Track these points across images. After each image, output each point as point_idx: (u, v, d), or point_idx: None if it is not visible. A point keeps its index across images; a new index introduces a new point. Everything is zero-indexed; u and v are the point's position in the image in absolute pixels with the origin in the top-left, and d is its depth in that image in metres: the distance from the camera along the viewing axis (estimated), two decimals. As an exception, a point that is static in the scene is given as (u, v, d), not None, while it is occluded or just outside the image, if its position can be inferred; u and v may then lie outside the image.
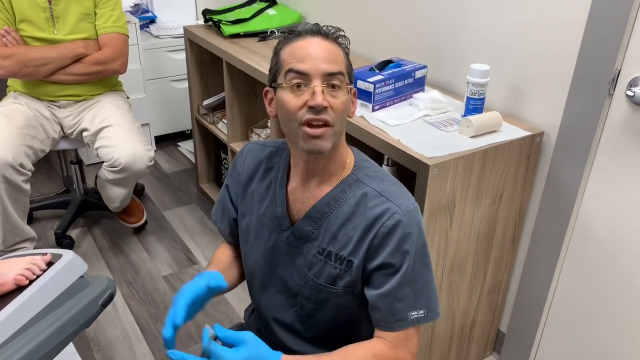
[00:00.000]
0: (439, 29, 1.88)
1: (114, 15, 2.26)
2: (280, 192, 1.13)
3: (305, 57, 0.99)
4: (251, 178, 1.19)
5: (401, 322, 1.05)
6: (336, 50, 1.03)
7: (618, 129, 1.45)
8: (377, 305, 1.05)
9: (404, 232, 1.02)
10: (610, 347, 1.61)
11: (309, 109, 0.98)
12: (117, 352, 1.96)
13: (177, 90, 3.35)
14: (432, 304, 1.07)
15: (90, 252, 2.48)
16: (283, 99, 1.01)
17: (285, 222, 1.12)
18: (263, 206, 1.15)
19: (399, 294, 1.03)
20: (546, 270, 1.70)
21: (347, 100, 1.03)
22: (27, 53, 2.11)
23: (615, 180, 1.49)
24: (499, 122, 1.56)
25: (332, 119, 0.99)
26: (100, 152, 2.20)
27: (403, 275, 1.02)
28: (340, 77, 1.00)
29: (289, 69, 1.00)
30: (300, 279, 1.13)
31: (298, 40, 1.02)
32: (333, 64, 1.00)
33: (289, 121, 1.02)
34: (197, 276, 1.09)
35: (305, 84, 0.99)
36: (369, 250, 1.04)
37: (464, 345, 1.84)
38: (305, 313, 1.16)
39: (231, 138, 2.51)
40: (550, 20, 1.53)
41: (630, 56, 1.37)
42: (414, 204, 1.05)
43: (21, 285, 1.10)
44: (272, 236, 1.15)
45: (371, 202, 1.05)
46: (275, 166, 1.16)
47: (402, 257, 1.02)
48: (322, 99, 0.97)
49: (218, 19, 2.47)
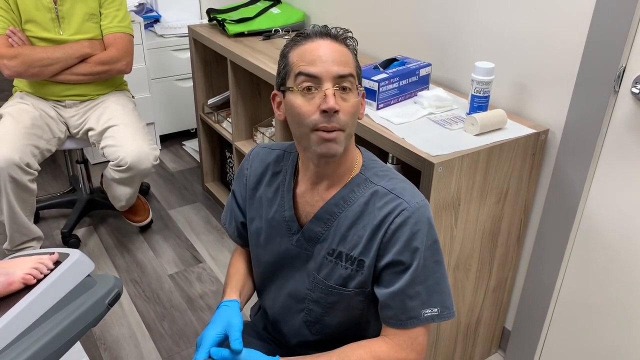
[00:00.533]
0: (443, 27, 1.88)
1: (119, 15, 2.27)
2: (288, 195, 1.12)
3: (316, 59, 0.98)
4: (259, 182, 1.18)
5: (414, 320, 1.04)
6: (346, 52, 1.02)
7: (623, 126, 1.44)
8: (389, 304, 1.04)
9: (413, 229, 1.01)
10: (615, 344, 1.61)
11: (321, 114, 0.97)
12: (123, 351, 1.97)
13: (182, 89, 3.35)
14: (446, 302, 1.06)
15: (96, 251, 2.49)
16: (293, 103, 1.00)
17: (294, 226, 1.12)
18: (272, 210, 1.15)
19: (411, 291, 1.03)
20: (551, 268, 1.70)
21: (358, 102, 1.02)
22: (32, 53, 2.12)
23: (620, 178, 1.48)
24: (504, 119, 1.56)
25: (343, 124, 0.99)
26: (106, 151, 2.21)
27: (414, 273, 1.02)
28: (350, 79, 1.00)
29: (299, 72, 0.99)
30: (309, 283, 1.13)
31: (307, 43, 1.01)
32: (344, 66, 0.99)
33: (300, 126, 1.01)
34: (218, 313, 1.12)
35: (316, 87, 0.98)
36: (380, 249, 1.04)
37: (469, 342, 1.84)
38: (313, 318, 1.16)
39: (236, 137, 2.51)
40: (555, 17, 1.52)
41: (636, 53, 1.37)
42: (424, 200, 1.05)
43: (29, 284, 1.11)
44: (282, 240, 1.14)
45: (381, 201, 1.04)
46: (282, 170, 1.16)
47: (412, 255, 1.01)
48: (334, 102, 0.97)
49: (222, 18, 2.48)
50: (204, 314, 2.14)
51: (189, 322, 2.10)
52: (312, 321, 1.16)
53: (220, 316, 1.10)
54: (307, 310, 1.15)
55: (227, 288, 1.22)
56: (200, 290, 2.26)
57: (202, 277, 2.34)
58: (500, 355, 1.97)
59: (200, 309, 2.16)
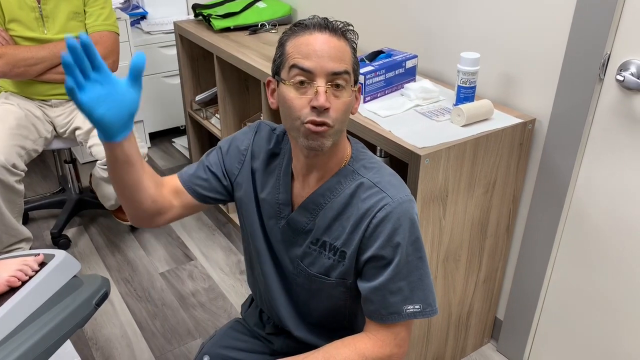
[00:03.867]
0: (429, 18, 1.87)
1: (103, 14, 2.25)
2: (285, 179, 1.11)
3: (311, 53, 0.97)
4: (256, 155, 1.16)
5: (395, 315, 1.04)
6: (343, 47, 1.00)
7: (609, 113, 1.44)
8: (370, 298, 1.05)
9: (395, 225, 1.01)
10: (605, 331, 1.61)
11: (311, 109, 0.96)
12: (115, 350, 1.96)
13: (170, 86, 3.33)
14: (428, 299, 1.05)
15: (87, 251, 2.48)
16: (286, 96, 0.99)
17: (285, 210, 1.11)
18: (265, 191, 1.14)
19: (392, 287, 1.03)
20: (541, 257, 1.70)
21: (350, 100, 1.01)
22: (17, 53, 2.10)
23: (607, 165, 1.48)
24: (490, 110, 1.56)
25: (333, 120, 0.97)
26: (93, 150, 2.19)
27: (396, 268, 1.02)
28: (345, 77, 0.98)
29: (293, 64, 0.98)
30: (293, 268, 1.14)
31: (305, 34, 0.99)
32: (339, 62, 0.97)
33: (290, 118, 1.00)
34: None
35: (309, 82, 0.97)
36: (362, 242, 1.04)
37: (461, 333, 1.84)
38: (301, 300, 1.17)
39: (224, 133, 2.50)
40: (539, 6, 1.52)
41: (620, 40, 1.37)
42: (408, 196, 1.04)
43: (14, 286, 1.10)
44: (270, 222, 1.14)
45: (365, 193, 1.04)
46: (282, 152, 1.14)
47: (394, 250, 1.01)
48: (325, 99, 0.95)
49: (208, 14, 2.46)
50: (196, 311, 2.14)
51: (181, 320, 2.09)
52: (301, 303, 1.17)
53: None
54: (294, 293, 1.16)
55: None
56: (192, 287, 2.26)
57: (193, 274, 2.33)
58: (492, 345, 1.98)
59: (192, 307, 2.16)
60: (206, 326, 2.07)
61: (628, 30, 1.35)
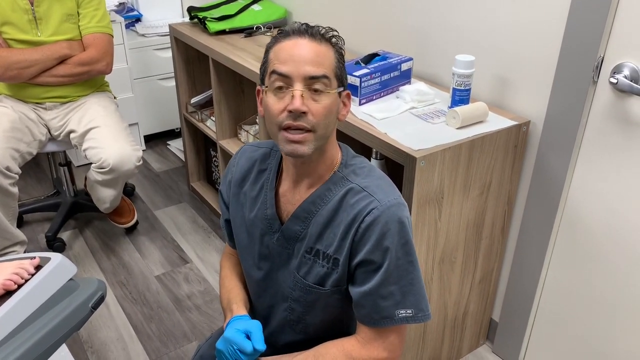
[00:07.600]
0: (424, 20, 1.88)
1: (97, 15, 2.24)
2: (270, 194, 1.12)
3: (288, 59, 0.97)
4: (244, 179, 1.17)
5: (387, 320, 1.03)
6: (325, 52, 0.99)
7: (603, 116, 1.45)
8: (362, 303, 1.04)
9: (384, 229, 1.00)
10: (600, 332, 1.62)
11: (288, 114, 0.96)
12: (111, 353, 1.96)
13: (166, 88, 3.33)
14: (421, 304, 1.05)
15: (82, 254, 2.47)
16: (267, 102, 1.00)
17: (275, 224, 1.11)
18: (255, 209, 1.14)
19: (383, 291, 1.02)
20: (536, 258, 1.71)
21: (332, 104, 1.00)
22: (10, 56, 2.09)
23: (601, 167, 1.50)
24: (485, 112, 1.56)
25: (312, 125, 0.97)
26: (88, 153, 2.19)
27: (386, 273, 1.01)
28: (324, 81, 0.97)
29: (273, 70, 0.98)
30: (291, 281, 1.13)
31: (285, 41, 1.00)
32: (317, 66, 0.97)
33: (271, 124, 1.00)
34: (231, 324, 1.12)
35: (287, 87, 0.97)
36: (352, 247, 1.03)
37: (456, 335, 1.85)
38: (295, 317, 1.16)
39: (220, 135, 2.50)
40: (533, 9, 1.53)
41: (613, 43, 1.38)
42: (397, 199, 1.03)
43: (9, 290, 1.10)
44: (264, 239, 1.14)
45: (353, 198, 1.03)
46: (268, 168, 1.15)
47: (383, 254, 1.01)
48: (301, 103, 0.95)
49: (203, 16, 2.46)
50: (191, 314, 2.13)
51: (176, 323, 2.09)
52: (295, 320, 1.16)
53: (237, 323, 1.11)
54: (290, 310, 1.15)
55: (232, 305, 1.19)
56: (187, 290, 2.25)
57: (189, 277, 2.33)
58: (488, 346, 1.98)
59: (187, 310, 2.15)
60: (202, 329, 2.07)
61: (621, 33, 1.36)
